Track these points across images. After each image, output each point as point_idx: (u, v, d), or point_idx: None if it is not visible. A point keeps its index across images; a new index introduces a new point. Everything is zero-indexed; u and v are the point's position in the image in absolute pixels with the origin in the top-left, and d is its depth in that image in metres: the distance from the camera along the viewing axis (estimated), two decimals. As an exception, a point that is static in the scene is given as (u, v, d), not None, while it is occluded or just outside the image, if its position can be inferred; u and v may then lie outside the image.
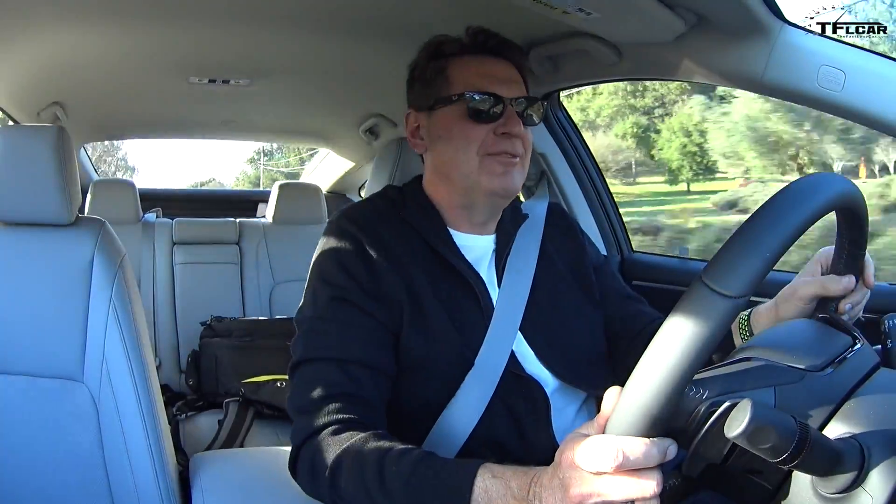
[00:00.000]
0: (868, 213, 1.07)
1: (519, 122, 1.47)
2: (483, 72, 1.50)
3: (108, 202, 3.63)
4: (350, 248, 1.44)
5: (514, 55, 1.55)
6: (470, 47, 1.53)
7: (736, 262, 0.81)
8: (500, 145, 1.46)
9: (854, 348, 1.02)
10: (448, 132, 1.50)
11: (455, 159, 1.49)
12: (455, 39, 1.54)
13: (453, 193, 1.54)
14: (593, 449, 0.89)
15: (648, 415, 0.83)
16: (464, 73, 1.50)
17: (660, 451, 0.86)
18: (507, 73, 1.52)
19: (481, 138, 1.46)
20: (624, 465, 0.86)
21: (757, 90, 1.65)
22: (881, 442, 0.83)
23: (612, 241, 2.78)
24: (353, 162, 4.30)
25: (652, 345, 0.83)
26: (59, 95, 2.91)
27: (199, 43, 2.37)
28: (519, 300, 1.50)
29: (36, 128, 1.63)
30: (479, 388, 1.40)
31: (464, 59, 1.52)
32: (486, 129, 1.46)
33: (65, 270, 1.61)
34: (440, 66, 1.53)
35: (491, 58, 1.52)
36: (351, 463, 1.23)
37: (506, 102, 1.47)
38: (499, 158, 1.46)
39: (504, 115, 1.46)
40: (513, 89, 1.50)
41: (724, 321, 0.80)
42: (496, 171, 1.46)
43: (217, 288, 3.64)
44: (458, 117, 1.47)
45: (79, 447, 1.56)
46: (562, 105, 2.71)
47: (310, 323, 1.42)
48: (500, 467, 1.10)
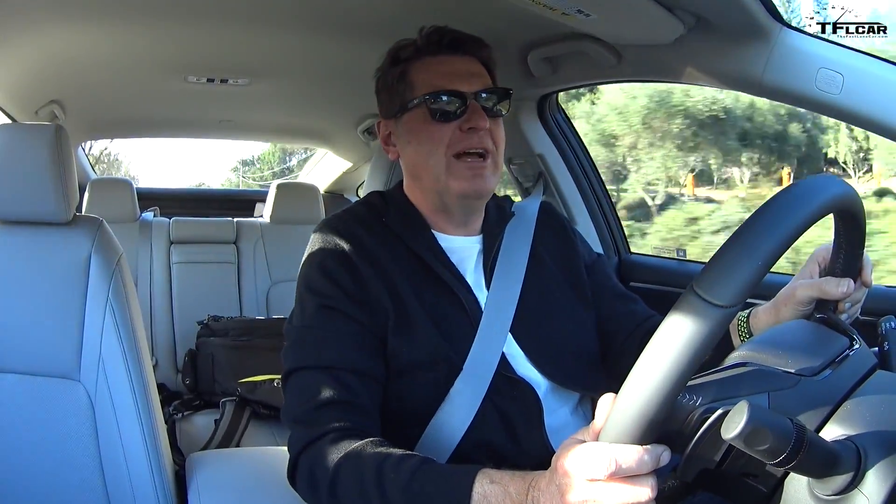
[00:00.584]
0: (865, 214, 1.07)
1: (483, 116, 1.46)
2: (442, 71, 1.49)
3: (105, 201, 3.63)
4: (334, 257, 1.44)
5: (474, 49, 1.53)
6: (427, 48, 1.52)
7: (727, 272, 0.81)
8: (466, 142, 1.45)
9: (852, 350, 1.02)
10: (415, 136, 1.50)
11: (424, 163, 1.49)
12: (411, 42, 1.53)
13: (428, 196, 1.54)
14: (587, 456, 0.89)
15: (641, 422, 0.83)
16: (423, 75, 1.50)
17: (653, 459, 0.87)
18: (468, 68, 1.50)
19: (447, 137, 1.46)
20: (617, 472, 0.86)
21: (756, 92, 1.66)
22: (878, 444, 0.82)
23: (609, 243, 2.79)
24: (351, 162, 4.30)
25: (644, 353, 0.83)
26: (58, 94, 2.90)
27: (198, 42, 2.37)
28: (508, 301, 1.50)
29: (34, 126, 1.63)
30: (469, 391, 1.39)
31: (423, 61, 1.51)
32: (450, 128, 1.46)
33: (62, 269, 1.61)
34: (401, 72, 1.53)
35: (450, 55, 1.51)
36: (349, 472, 1.23)
37: (468, 98, 1.46)
38: (467, 162, 1.46)
39: (467, 110, 1.46)
40: (474, 83, 1.48)
41: (715, 330, 0.80)
42: (465, 175, 1.46)
43: (214, 287, 3.64)
44: (423, 120, 1.47)
45: (75, 446, 1.56)
46: (560, 106, 2.71)
47: (298, 332, 1.43)
48: (498, 473, 1.10)
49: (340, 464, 1.24)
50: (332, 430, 1.30)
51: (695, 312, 0.80)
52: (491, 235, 1.58)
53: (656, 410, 0.81)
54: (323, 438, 1.30)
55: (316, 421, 1.32)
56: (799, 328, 1.13)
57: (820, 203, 0.89)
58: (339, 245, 1.45)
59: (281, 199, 3.89)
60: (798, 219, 0.85)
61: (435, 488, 1.14)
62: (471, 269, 1.54)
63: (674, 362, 0.79)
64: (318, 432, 1.31)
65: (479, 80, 1.50)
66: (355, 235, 1.47)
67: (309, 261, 1.48)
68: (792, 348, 1.00)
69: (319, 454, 1.28)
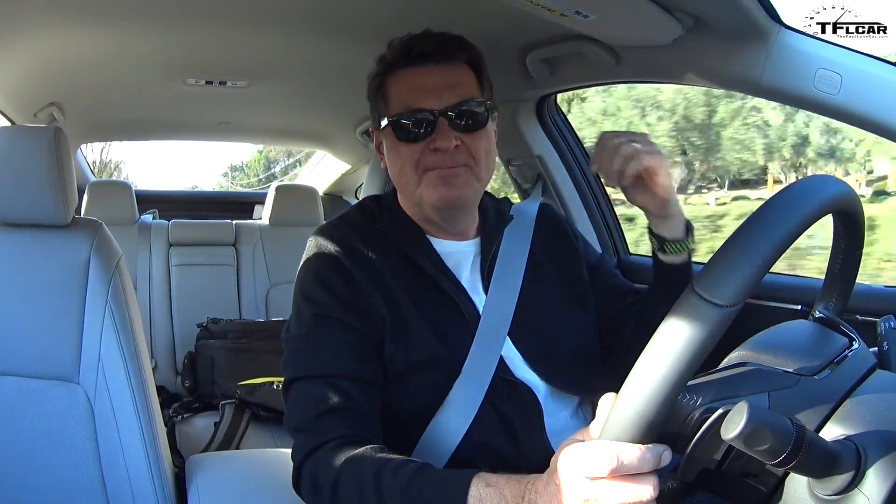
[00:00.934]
0: (864, 214, 1.07)
1: (448, 137, 1.42)
2: (414, 85, 1.46)
3: (104, 203, 3.64)
4: (328, 265, 1.45)
5: (450, 55, 1.48)
6: (397, 61, 1.49)
7: (727, 271, 0.81)
8: (433, 161, 1.44)
9: (851, 350, 1.02)
10: (390, 151, 1.51)
11: (400, 177, 1.50)
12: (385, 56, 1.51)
13: (412, 205, 1.54)
14: (589, 454, 0.89)
15: (642, 421, 0.83)
16: (397, 90, 1.48)
17: (654, 457, 0.86)
18: (443, 80, 1.46)
19: (416, 156, 1.45)
20: (619, 470, 0.86)
21: (754, 93, 1.66)
22: (877, 443, 0.83)
23: (608, 244, 2.78)
24: (350, 164, 4.30)
25: (645, 352, 0.83)
26: (57, 96, 2.91)
27: (196, 44, 2.37)
28: (506, 305, 1.50)
29: (33, 128, 1.62)
30: (467, 395, 1.40)
31: (396, 75, 1.49)
32: (419, 147, 1.45)
33: (61, 271, 1.61)
34: (379, 85, 1.52)
35: (424, 66, 1.47)
36: (350, 478, 1.24)
37: (435, 116, 1.43)
38: (437, 172, 1.45)
39: (435, 129, 1.44)
40: (444, 97, 1.44)
41: (715, 330, 0.79)
42: (435, 185, 1.45)
43: (213, 289, 3.64)
44: (393, 139, 1.47)
45: (74, 448, 1.56)
46: (559, 108, 2.71)
47: (296, 342, 1.44)
48: (493, 476, 1.11)
49: (341, 471, 1.26)
50: (333, 438, 1.31)
51: (695, 312, 0.80)
52: (489, 238, 1.58)
53: (657, 410, 0.81)
54: (324, 447, 1.31)
55: (317, 430, 1.33)
56: (798, 328, 1.14)
57: (820, 202, 0.90)
58: (334, 253, 1.46)
59: (280, 201, 3.89)
60: (798, 217, 0.85)
61: (432, 492, 1.15)
62: (467, 272, 1.54)
63: (674, 361, 0.79)
64: (319, 441, 1.32)
65: (451, 92, 1.45)
66: (349, 242, 1.48)
67: (304, 269, 1.49)
68: (791, 348, 1.00)
69: (321, 462, 1.30)
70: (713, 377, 0.93)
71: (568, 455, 0.93)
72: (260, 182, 25.39)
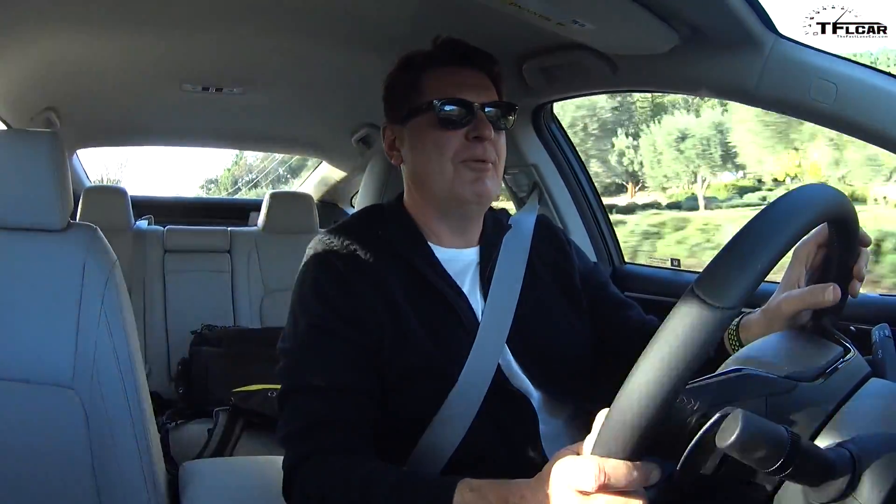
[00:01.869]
0: (858, 222, 1.08)
1: (489, 126, 1.46)
2: (453, 80, 1.50)
3: (99, 209, 3.63)
4: (327, 275, 1.44)
5: (484, 63, 1.55)
6: (439, 58, 1.54)
7: (728, 273, 0.81)
8: (472, 151, 1.46)
9: (845, 359, 1.02)
10: (422, 142, 1.50)
11: (429, 168, 1.49)
12: (425, 52, 1.55)
13: (430, 203, 1.54)
14: (577, 468, 0.89)
15: (633, 436, 0.83)
16: (434, 83, 1.51)
17: (643, 474, 0.86)
18: (477, 80, 1.52)
19: (454, 145, 1.46)
20: (607, 485, 0.86)
21: (750, 102, 1.67)
22: (872, 451, 0.83)
23: (603, 253, 2.79)
24: (345, 172, 4.30)
25: (640, 363, 0.82)
26: (53, 101, 2.91)
27: (193, 51, 2.37)
28: (505, 313, 1.50)
29: (29, 133, 1.62)
30: (464, 402, 1.39)
31: (434, 70, 1.53)
32: (457, 136, 1.46)
33: (55, 276, 1.60)
34: (412, 79, 1.53)
35: (461, 67, 1.53)
36: (339, 488, 1.25)
37: (475, 108, 1.48)
38: (470, 165, 1.47)
39: (474, 120, 1.47)
40: (482, 95, 1.50)
41: (714, 332, 0.79)
42: (468, 178, 1.46)
43: (208, 296, 3.63)
44: (430, 126, 1.48)
45: (68, 454, 1.55)
46: (555, 116, 2.71)
47: (292, 353, 1.44)
48: (478, 482, 1.12)
49: (330, 480, 1.26)
50: (321, 449, 1.32)
51: (695, 314, 0.80)
52: (488, 247, 1.58)
53: (650, 421, 0.81)
54: (313, 457, 1.31)
55: (306, 440, 1.34)
56: (792, 338, 1.14)
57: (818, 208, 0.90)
58: (333, 262, 1.45)
59: (275, 208, 3.88)
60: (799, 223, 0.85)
61: (417, 499, 1.16)
62: (468, 280, 1.54)
63: (672, 364, 0.79)
64: (307, 451, 1.32)
65: (486, 92, 1.51)
66: (349, 250, 1.47)
67: (302, 278, 1.49)
68: (786, 357, 1.00)
69: (310, 472, 1.30)
70: (711, 381, 0.93)
71: (559, 467, 0.94)
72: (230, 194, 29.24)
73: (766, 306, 1.29)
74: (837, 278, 1.17)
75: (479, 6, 1.51)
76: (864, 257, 1.18)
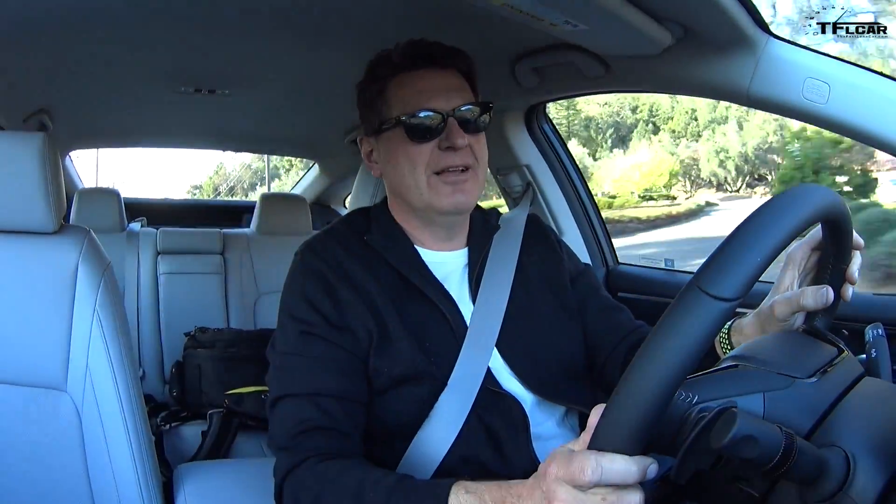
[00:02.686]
0: (852, 223, 1.08)
1: (461, 134, 1.44)
2: (420, 87, 1.46)
3: (92, 211, 3.62)
4: (314, 282, 1.44)
5: (452, 61, 1.51)
6: (403, 63, 1.48)
7: (728, 265, 0.82)
8: (446, 160, 1.44)
9: (839, 358, 1.03)
10: (394, 156, 1.48)
11: (405, 182, 1.47)
12: (387, 58, 1.50)
13: (411, 213, 1.53)
14: (574, 464, 0.89)
15: (631, 430, 0.83)
16: (400, 91, 1.47)
17: (640, 469, 0.86)
18: (446, 83, 1.48)
19: (427, 156, 1.44)
20: (603, 480, 0.86)
21: (743, 102, 1.67)
22: (866, 450, 0.83)
23: (596, 253, 2.79)
24: (339, 173, 4.30)
25: (638, 357, 0.82)
26: (46, 102, 2.90)
27: (185, 53, 2.36)
28: (494, 315, 1.49)
29: (21, 134, 1.61)
30: (454, 406, 1.39)
31: (399, 78, 1.48)
32: (429, 147, 1.44)
33: (49, 279, 1.60)
34: (378, 89, 1.50)
35: (428, 70, 1.48)
36: (331, 494, 1.24)
37: (445, 115, 1.44)
38: (447, 178, 1.45)
39: (445, 128, 1.44)
40: (452, 98, 1.46)
41: (714, 325, 0.79)
42: (444, 192, 1.45)
43: (201, 298, 3.63)
44: (401, 140, 1.45)
45: (62, 457, 1.55)
46: (547, 116, 2.72)
47: (281, 359, 1.43)
48: (473, 483, 1.11)
49: (322, 487, 1.26)
50: (314, 455, 1.32)
51: (696, 306, 0.80)
52: (477, 248, 1.58)
53: (649, 415, 0.81)
54: (304, 464, 1.31)
55: (298, 447, 1.34)
56: (786, 339, 1.14)
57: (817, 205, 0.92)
58: (320, 269, 1.45)
59: (268, 210, 3.88)
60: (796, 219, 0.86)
61: (412, 502, 1.15)
62: (455, 283, 1.53)
63: (672, 357, 0.79)
64: (299, 458, 1.32)
65: (457, 94, 1.47)
66: (336, 257, 1.47)
67: (290, 286, 1.48)
68: (781, 356, 1.01)
69: (302, 480, 1.30)
70: (709, 376, 0.93)
71: (555, 463, 0.93)
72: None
73: (758, 309, 1.28)
74: (830, 281, 1.17)
75: (471, 7, 1.51)
76: (856, 261, 1.18)
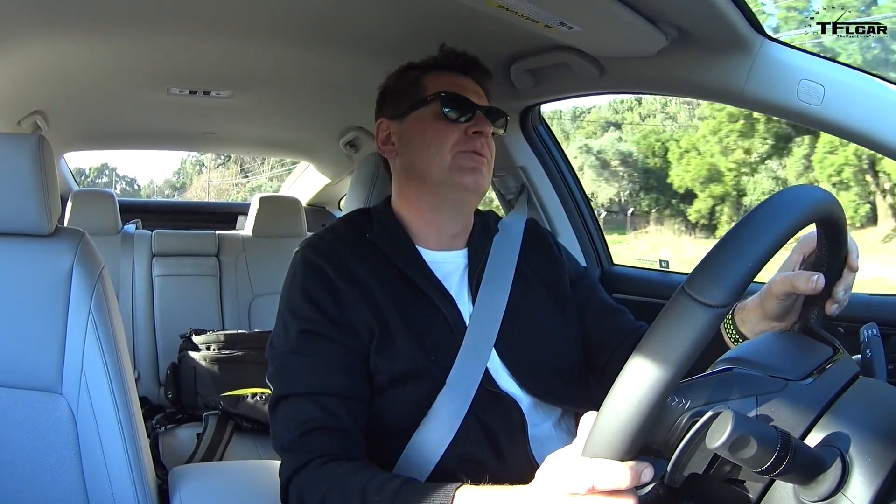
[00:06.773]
0: (847, 224, 1.08)
1: (488, 123, 1.54)
2: (454, 82, 1.57)
3: (87, 213, 3.61)
4: (315, 279, 1.44)
5: (481, 75, 1.63)
6: (442, 63, 1.61)
7: (719, 271, 0.82)
8: (471, 143, 1.51)
9: (834, 358, 1.03)
10: (422, 133, 1.54)
11: (428, 158, 1.52)
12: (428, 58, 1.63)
13: (423, 196, 1.55)
14: (568, 471, 0.90)
15: (623, 437, 0.83)
16: (436, 81, 1.57)
17: (634, 474, 0.86)
18: (475, 88, 1.60)
19: (454, 137, 1.51)
20: (597, 487, 0.87)
21: (737, 104, 1.67)
22: (862, 449, 0.83)
23: (591, 255, 2.79)
24: (333, 175, 4.29)
25: (632, 359, 0.82)
26: (41, 104, 2.89)
27: (180, 54, 2.36)
28: (493, 316, 1.50)
29: (16, 136, 1.61)
30: (451, 406, 1.39)
31: (436, 73, 1.60)
32: (458, 129, 1.52)
33: (43, 281, 1.60)
34: (414, 77, 1.60)
35: (460, 74, 1.60)
36: (336, 497, 1.25)
37: (476, 107, 1.54)
38: (471, 157, 1.51)
39: (475, 116, 1.53)
40: (481, 100, 1.58)
41: (705, 331, 0.80)
42: (467, 166, 1.51)
43: (196, 300, 3.63)
44: (433, 117, 1.53)
45: (56, 459, 1.55)
46: (542, 118, 2.72)
47: (282, 358, 1.43)
48: (476, 489, 1.12)
49: (327, 489, 1.26)
50: (318, 456, 1.32)
51: (686, 313, 0.80)
52: (477, 250, 1.59)
53: (641, 421, 0.81)
54: (309, 465, 1.31)
55: (302, 448, 1.34)
56: (782, 339, 1.14)
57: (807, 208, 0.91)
58: (321, 266, 1.45)
59: (263, 212, 3.88)
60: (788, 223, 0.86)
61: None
62: (455, 283, 1.54)
63: (663, 364, 0.79)
64: (304, 459, 1.32)
65: (483, 100, 1.60)
66: (337, 255, 1.47)
67: (291, 283, 1.48)
68: (776, 357, 1.01)
69: (307, 481, 1.30)
70: (701, 380, 0.93)
71: (550, 470, 0.95)
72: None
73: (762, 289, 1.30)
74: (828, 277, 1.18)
75: (466, 9, 1.51)
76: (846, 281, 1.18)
